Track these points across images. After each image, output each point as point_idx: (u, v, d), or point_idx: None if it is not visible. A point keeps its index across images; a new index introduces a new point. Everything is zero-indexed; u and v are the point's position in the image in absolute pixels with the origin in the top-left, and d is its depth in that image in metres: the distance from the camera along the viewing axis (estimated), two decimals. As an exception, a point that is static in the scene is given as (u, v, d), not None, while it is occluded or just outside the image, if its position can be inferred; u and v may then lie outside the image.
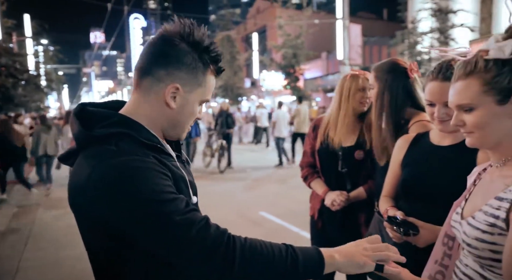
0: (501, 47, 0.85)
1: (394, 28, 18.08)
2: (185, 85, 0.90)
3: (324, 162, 2.09)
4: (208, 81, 0.94)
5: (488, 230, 0.85)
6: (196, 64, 0.90)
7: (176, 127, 0.95)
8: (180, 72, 0.89)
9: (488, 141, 0.90)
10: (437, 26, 14.34)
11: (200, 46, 0.89)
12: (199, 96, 0.94)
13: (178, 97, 0.90)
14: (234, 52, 28.13)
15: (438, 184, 1.27)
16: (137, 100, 0.92)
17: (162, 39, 0.89)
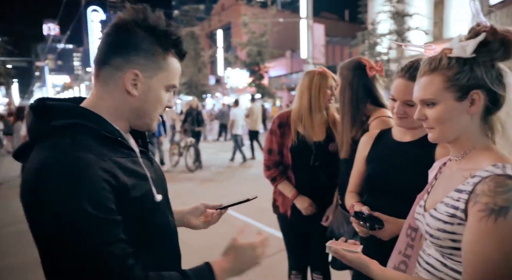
0: (464, 46, 0.89)
1: (355, 29, 18.68)
2: (144, 71, 0.87)
3: (297, 158, 2.11)
4: (171, 65, 0.91)
5: (449, 220, 0.90)
6: (154, 49, 0.88)
7: (142, 116, 0.92)
8: (138, 58, 0.87)
9: (448, 135, 0.95)
10: (395, 28, 15.01)
11: (156, 30, 0.88)
12: (163, 81, 0.91)
13: (139, 83, 0.88)
14: (198, 49, 27.75)
15: (400, 179, 1.32)
16: (97, 92, 0.89)
17: (116, 27, 0.87)
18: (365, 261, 1.02)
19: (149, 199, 0.87)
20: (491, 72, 0.90)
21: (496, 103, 0.92)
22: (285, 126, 2.13)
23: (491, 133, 0.95)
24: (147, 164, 0.95)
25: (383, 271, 0.99)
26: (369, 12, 17.39)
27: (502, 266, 0.80)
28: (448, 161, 1.05)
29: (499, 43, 0.88)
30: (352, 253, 1.03)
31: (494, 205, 0.81)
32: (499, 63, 0.91)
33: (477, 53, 0.89)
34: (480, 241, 0.82)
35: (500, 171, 0.84)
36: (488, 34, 0.88)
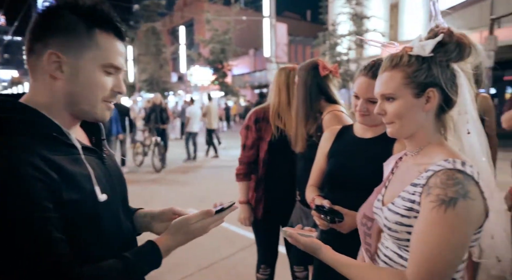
0: (423, 45, 0.94)
1: (317, 29, 19.09)
2: (66, 51, 0.81)
3: (277, 152, 2.17)
4: (102, 43, 0.85)
5: (406, 214, 0.93)
6: (76, 26, 0.82)
7: (78, 101, 0.85)
8: (57, 38, 0.81)
9: (405, 131, 0.99)
10: (354, 29, 15.55)
11: (79, 7, 0.83)
12: (95, 61, 0.84)
13: (64, 66, 0.82)
14: (160, 45, 27.02)
15: (360, 173, 1.36)
16: (31, 85, 0.85)
17: (38, 13, 0.83)
18: (318, 244, 1.05)
19: (92, 199, 0.82)
20: (446, 72, 0.95)
21: (448, 102, 0.97)
22: (261, 121, 2.19)
23: (444, 130, 1.01)
24: (96, 162, 0.89)
25: (334, 254, 1.03)
26: (330, 13, 17.86)
27: (448, 256, 0.84)
28: (404, 156, 1.10)
29: (455, 45, 0.93)
30: (306, 237, 1.06)
31: (445, 196, 0.85)
32: (454, 64, 0.97)
33: (434, 53, 0.94)
34: (429, 231, 0.86)
35: (451, 165, 0.89)
36: (446, 35, 0.93)
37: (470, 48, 0.95)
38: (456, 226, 0.85)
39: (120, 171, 1.00)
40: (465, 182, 0.86)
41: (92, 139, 0.95)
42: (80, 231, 0.79)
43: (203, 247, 3.81)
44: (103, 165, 0.91)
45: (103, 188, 0.85)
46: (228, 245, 3.82)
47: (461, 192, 0.85)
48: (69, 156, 0.81)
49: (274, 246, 2.35)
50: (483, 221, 0.91)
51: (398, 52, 0.99)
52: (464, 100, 0.98)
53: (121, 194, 0.95)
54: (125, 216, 0.95)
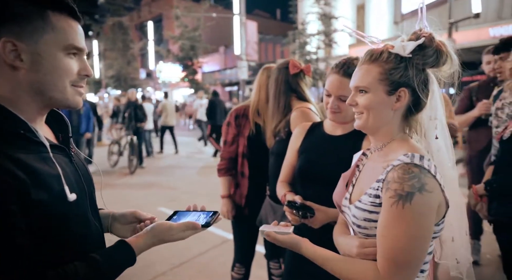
0: (404, 45, 0.97)
1: (286, 28, 19.29)
2: (22, 38, 0.78)
3: (255, 146, 2.22)
4: (58, 25, 0.81)
5: (373, 210, 0.97)
6: (26, 10, 0.78)
7: (46, 89, 0.81)
8: (8, 25, 0.77)
9: (372, 125, 1.02)
10: (323, 29, 15.86)
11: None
12: (55, 44, 0.81)
13: (23, 54, 0.78)
14: (127, 40, 26.21)
15: (330, 169, 1.40)
16: None
17: None
18: (297, 239, 1.07)
19: (60, 199, 0.79)
20: (420, 75, 0.97)
21: (417, 105, 1.01)
22: (241, 118, 2.26)
23: (408, 130, 1.05)
24: (64, 161, 0.86)
25: (313, 247, 1.05)
26: (299, 13, 18.09)
27: (412, 249, 0.88)
28: (369, 153, 1.13)
29: (434, 51, 0.96)
30: (283, 235, 1.08)
31: (402, 191, 0.88)
32: (429, 69, 1.00)
33: (413, 55, 0.96)
34: (391, 226, 0.90)
35: (409, 160, 0.92)
36: (427, 40, 0.95)
37: (447, 56, 0.98)
38: (415, 220, 0.88)
39: (88, 170, 0.98)
40: (421, 175, 0.89)
41: (59, 136, 0.92)
42: (49, 231, 0.77)
43: (174, 245, 3.75)
44: (71, 164, 0.89)
45: (71, 188, 0.82)
46: (200, 244, 3.82)
47: (417, 186, 0.89)
48: (37, 154, 0.78)
49: (251, 244, 2.39)
50: (444, 212, 0.95)
51: (379, 48, 1.01)
52: (435, 105, 1.02)
53: (89, 194, 0.92)
54: (93, 216, 0.93)
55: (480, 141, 2.91)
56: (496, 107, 2.47)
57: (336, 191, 1.19)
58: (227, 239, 3.85)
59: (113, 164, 8.15)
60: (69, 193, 0.80)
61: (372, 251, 0.97)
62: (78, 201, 0.83)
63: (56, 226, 0.79)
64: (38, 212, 0.74)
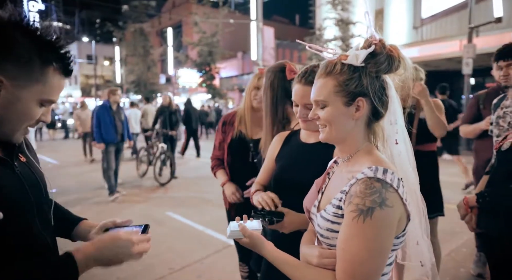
0: (357, 54, 0.96)
1: (305, 33, 19.25)
2: (13, 79, 0.80)
3: (235, 154, 2.24)
4: (50, 80, 0.85)
5: (336, 220, 0.96)
6: (31, 58, 0.81)
7: (2, 125, 0.83)
8: (7, 64, 0.79)
9: (335, 137, 1.01)
10: (340, 35, 15.75)
11: (41, 39, 0.82)
12: (37, 95, 0.84)
13: (3, 91, 0.80)
14: (147, 46, 26.88)
15: (302, 176, 1.40)
16: None
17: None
18: (261, 240, 1.08)
19: None
20: (375, 83, 0.97)
21: (377, 112, 1.00)
22: (227, 124, 2.30)
23: (374, 138, 1.04)
24: (5, 172, 0.85)
25: (276, 251, 1.06)
26: (317, 18, 18.05)
27: (370, 263, 0.88)
28: (339, 162, 1.13)
29: (385, 57, 0.95)
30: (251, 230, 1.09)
31: (363, 206, 0.88)
32: (385, 75, 0.99)
33: (366, 63, 0.96)
34: (350, 240, 0.89)
35: (372, 174, 0.91)
36: (377, 47, 0.95)
37: (399, 61, 0.97)
38: (375, 235, 0.88)
39: (39, 177, 0.97)
40: (382, 190, 0.89)
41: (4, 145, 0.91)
42: None
43: (175, 249, 3.82)
44: (13, 174, 0.88)
45: (5, 203, 0.80)
46: (201, 248, 3.84)
47: (377, 201, 0.88)
48: None
49: None
50: (405, 225, 0.94)
51: (333, 59, 1.01)
52: (394, 110, 1.02)
53: (38, 204, 0.91)
54: (42, 222, 0.92)
55: (487, 150, 2.81)
56: (497, 116, 2.37)
57: (307, 197, 1.18)
58: (229, 245, 3.85)
59: (142, 174, 7.47)
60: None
61: (331, 262, 0.97)
62: (16, 212, 0.83)
63: None
64: None
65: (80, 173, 8.18)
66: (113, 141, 5.82)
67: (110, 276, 3.21)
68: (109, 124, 5.75)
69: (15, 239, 0.83)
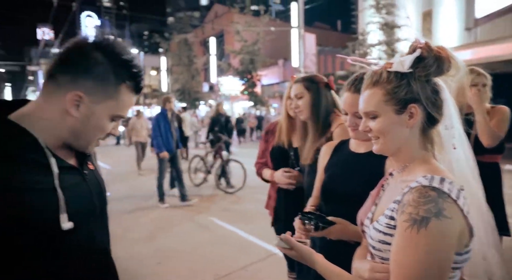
0: (402, 61, 0.94)
1: (347, 39, 18.92)
2: (91, 95, 0.86)
3: (276, 162, 2.25)
4: (122, 97, 0.90)
5: (388, 232, 0.92)
6: (108, 76, 0.87)
7: (78, 137, 0.90)
8: (86, 81, 0.85)
9: (390, 147, 0.98)
10: (384, 39, 15.27)
11: (117, 58, 0.88)
12: (109, 110, 0.90)
13: (82, 106, 0.86)
14: (191, 56, 27.83)
15: (350, 186, 1.37)
16: (38, 102, 0.88)
17: (74, 45, 0.87)
18: (310, 252, 1.06)
19: (55, 227, 0.82)
20: (426, 87, 0.94)
21: (432, 117, 0.96)
22: (269, 133, 2.34)
23: (431, 145, 0.99)
24: (76, 180, 0.91)
25: (327, 263, 1.04)
26: (360, 23, 17.67)
27: (424, 277, 0.82)
28: (394, 172, 1.09)
29: (434, 59, 0.92)
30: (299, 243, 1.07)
31: (416, 215, 0.83)
32: (436, 78, 0.95)
33: (413, 68, 0.93)
34: (403, 252, 0.85)
35: (427, 182, 0.87)
36: (424, 50, 0.92)
37: (450, 61, 0.94)
38: (430, 247, 0.82)
39: (101, 185, 1.03)
40: (439, 200, 0.84)
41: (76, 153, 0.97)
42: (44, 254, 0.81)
43: (219, 255, 3.87)
44: (83, 182, 0.94)
45: (76, 211, 0.86)
46: (245, 256, 3.85)
47: (433, 211, 0.83)
48: (43, 179, 0.81)
49: None
50: (467, 240, 0.87)
51: (379, 69, 0.99)
52: (450, 114, 0.97)
53: (100, 208, 0.98)
54: (102, 229, 0.99)
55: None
56: None
57: (362, 209, 1.16)
58: (273, 253, 3.83)
59: (199, 183, 7.25)
60: (63, 221, 0.82)
61: (383, 277, 0.93)
62: (85, 221, 0.89)
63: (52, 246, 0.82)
64: (33, 234, 0.78)
65: (132, 179, 8.54)
66: (170, 150, 5.84)
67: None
68: (168, 132, 5.76)
69: (79, 245, 0.89)
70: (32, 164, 0.81)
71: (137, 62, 0.91)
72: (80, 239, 0.89)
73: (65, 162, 0.90)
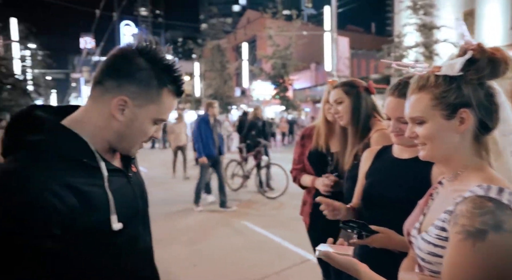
0: (452, 64, 0.89)
1: (381, 41, 18.48)
2: (134, 99, 0.89)
3: (315, 167, 2.24)
4: (164, 100, 0.92)
5: (439, 243, 0.87)
6: (151, 81, 0.89)
7: (123, 141, 0.93)
8: (131, 86, 0.88)
9: (438, 154, 0.93)
10: (422, 41, 14.72)
11: (159, 64, 0.90)
12: (152, 114, 0.92)
13: (126, 110, 0.89)
14: (224, 61, 28.28)
15: (393, 193, 1.32)
16: (87, 107, 0.92)
17: (119, 52, 0.91)
18: (354, 262, 1.02)
19: (106, 227, 0.85)
20: (478, 91, 0.88)
21: (485, 123, 0.90)
22: (306, 138, 2.31)
23: (486, 153, 0.92)
24: (122, 183, 0.95)
25: (371, 273, 0.99)
26: (395, 25, 17.19)
27: None
28: (444, 181, 1.03)
29: (487, 62, 0.87)
30: (341, 256, 1.03)
31: (471, 227, 0.78)
32: (490, 82, 0.90)
33: (465, 72, 0.88)
34: (459, 267, 0.79)
35: (482, 192, 0.81)
36: (476, 52, 0.87)
37: (506, 63, 0.87)
38: (488, 264, 0.75)
39: (143, 187, 1.07)
40: (496, 211, 0.77)
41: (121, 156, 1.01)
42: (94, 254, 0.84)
43: (253, 260, 3.87)
44: (128, 185, 0.98)
45: (124, 212, 0.89)
46: (279, 260, 3.83)
47: (490, 223, 0.76)
48: (93, 181, 0.85)
49: None
50: None
51: (425, 72, 0.94)
52: (507, 119, 0.91)
53: (143, 210, 1.02)
54: (145, 230, 1.02)
55: None
56: None
57: (409, 219, 1.10)
58: (307, 259, 3.78)
59: (236, 188, 7.11)
60: (115, 221, 0.86)
61: None
62: (128, 221, 0.92)
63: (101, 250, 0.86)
64: (84, 233, 0.81)
65: (167, 183, 8.69)
66: (212, 155, 5.77)
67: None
68: (209, 138, 5.68)
69: (126, 244, 0.93)
70: (84, 167, 0.85)
71: (177, 67, 0.93)
72: (126, 240, 0.92)
73: (113, 165, 0.94)
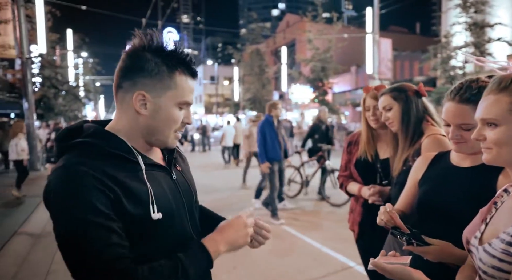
0: None
1: (427, 42, 17.68)
2: (151, 91, 0.93)
3: (363, 175, 2.17)
4: (179, 83, 0.96)
5: (506, 259, 0.82)
6: (159, 69, 0.93)
7: (155, 133, 0.97)
8: (144, 79, 0.93)
9: (505, 159, 0.88)
10: (472, 40, 13.87)
11: (162, 50, 0.94)
12: (173, 99, 0.96)
13: (148, 103, 0.94)
14: (263, 65, 28.47)
15: (452, 204, 1.24)
16: (117, 114, 0.99)
17: (126, 54, 0.96)
18: (408, 270, 0.98)
19: (146, 216, 0.90)
20: None
21: None
22: (352, 145, 2.25)
23: None
24: (164, 178, 1.00)
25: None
26: (443, 24, 16.37)
27: None
28: (510, 189, 0.96)
29: None
30: (394, 265, 1.00)
31: None
32: None
33: None
34: None
35: None
36: None
37: None
38: None
39: (191, 184, 1.11)
40: None
41: (165, 156, 1.07)
42: (137, 242, 0.89)
43: (292, 264, 3.83)
44: (171, 180, 1.03)
45: (164, 203, 0.94)
46: (319, 266, 3.76)
47: None
48: (133, 174, 0.91)
49: None
50: None
51: (509, 74, 0.88)
52: None
53: (188, 205, 1.05)
54: (192, 224, 1.05)
55: None
56: None
57: (469, 226, 1.04)
58: (348, 266, 3.68)
59: (294, 195, 6.82)
60: (153, 211, 0.90)
61: None
62: (171, 213, 0.96)
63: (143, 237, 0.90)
64: (128, 220, 0.87)
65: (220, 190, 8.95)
66: (277, 159, 5.41)
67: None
68: (274, 140, 5.35)
69: (173, 238, 0.96)
70: (124, 162, 0.92)
71: (181, 48, 0.96)
72: (173, 234, 0.97)
73: (152, 160, 1.00)
